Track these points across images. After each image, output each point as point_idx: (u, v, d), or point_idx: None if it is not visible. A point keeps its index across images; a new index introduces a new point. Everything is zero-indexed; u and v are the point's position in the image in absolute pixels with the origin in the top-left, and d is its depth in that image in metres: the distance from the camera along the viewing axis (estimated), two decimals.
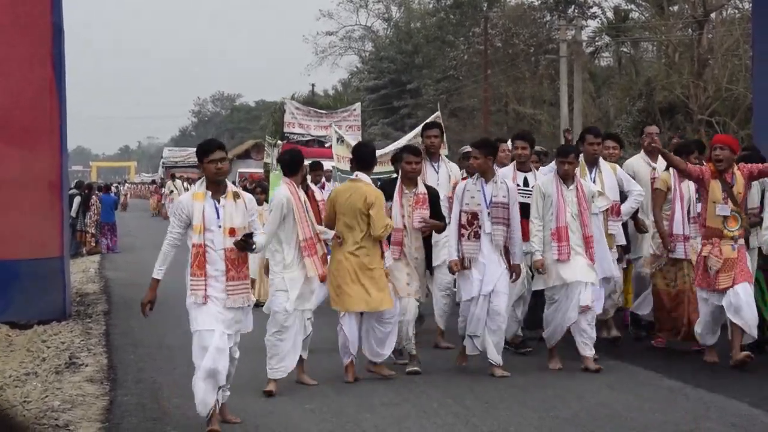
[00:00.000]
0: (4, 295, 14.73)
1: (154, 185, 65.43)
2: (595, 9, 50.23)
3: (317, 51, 73.76)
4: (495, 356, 11.05)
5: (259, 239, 9.00)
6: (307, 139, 32.59)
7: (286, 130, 32.06)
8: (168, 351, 12.92)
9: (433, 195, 11.50)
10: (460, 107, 55.21)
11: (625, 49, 48.24)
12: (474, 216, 11.13)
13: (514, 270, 11.29)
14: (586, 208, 11.38)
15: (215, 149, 8.82)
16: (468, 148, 13.05)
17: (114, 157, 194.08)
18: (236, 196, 8.95)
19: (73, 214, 26.28)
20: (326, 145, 31.54)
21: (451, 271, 11.39)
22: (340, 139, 20.27)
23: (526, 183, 12.30)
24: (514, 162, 12.73)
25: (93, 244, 29.66)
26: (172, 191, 46.40)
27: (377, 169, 16.59)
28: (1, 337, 13.77)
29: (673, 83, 38.91)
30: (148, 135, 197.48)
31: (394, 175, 12.28)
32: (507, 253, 11.26)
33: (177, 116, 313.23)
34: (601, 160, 12.63)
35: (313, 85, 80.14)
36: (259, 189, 17.12)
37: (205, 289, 8.72)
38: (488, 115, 50.76)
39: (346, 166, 17.56)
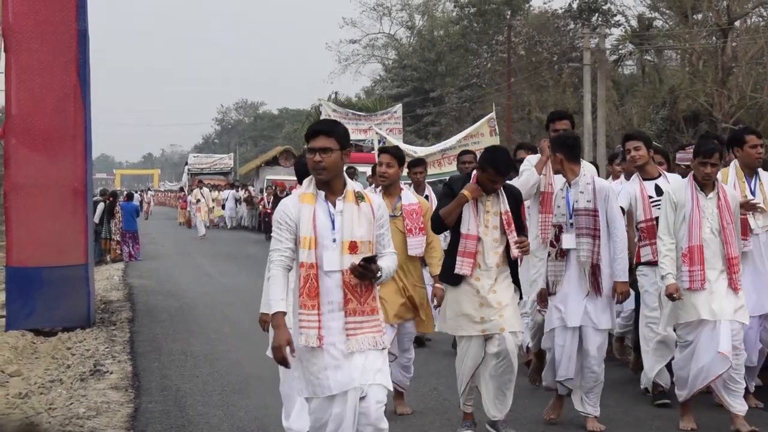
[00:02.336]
0: (28, 302, 14.78)
1: (182, 192, 64.18)
2: (618, 17, 50.17)
3: (340, 59, 73.87)
4: (585, 407, 9.19)
5: (386, 263, 6.61)
6: None
7: None
8: (192, 358, 12.92)
9: (515, 197, 8.84)
10: (483, 115, 54.95)
11: (648, 57, 48.05)
12: (560, 230, 9.19)
13: (618, 290, 9.08)
14: (730, 222, 9.05)
15: (316, 134, 6.53)
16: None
17: (137, 165, 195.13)
18: (359, 197, 6.59)
19: (96, 221, 26.31)
20: (366, 150, 30.68)
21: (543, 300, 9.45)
22: (382, 141, 19.26)
23: (659, 191, 9.98)
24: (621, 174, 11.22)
25: (118, 251, 29.72)
26: (198, 200, 45.51)
27: (431, 170, 16.45)
28: (26, 345, 13.81)
29: (697, 91, 38.74)
30: (171, 143, 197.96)
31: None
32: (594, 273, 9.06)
33: (200, 124, 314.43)
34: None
35: (335, 93, 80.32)
36: None
37: (320, 327, 6.39)
38: (511, 123, 50.66)
39: None
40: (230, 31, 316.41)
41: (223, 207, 50.38)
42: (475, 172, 8.73)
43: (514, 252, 8.49)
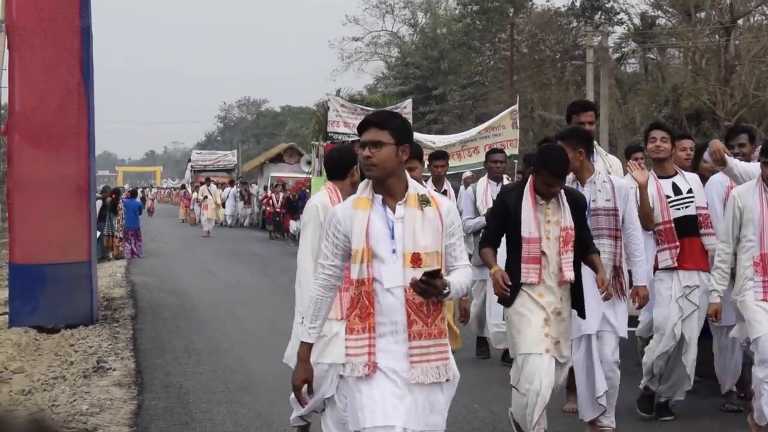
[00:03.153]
0: (31, 299, 14.79)
1: (183, 190, 63.18)
2: (621, 15, 50.04)
3: (343, 56, 73.72)
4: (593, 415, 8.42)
5: (458, 278, 5.63)
6: (353, 139, 27.48)
7: (329, 129, 29.17)
8: (195, 355, 12.94)
9: (578, 205, 7.79)
10: (486, 113, 55.06)
11: (651, 56, 48.02)
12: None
13: (637, 294, 8.61)
14: None
15: (367, 126, 5.65)
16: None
17: (140, 162, 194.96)
18: (424, 201, 5.59)
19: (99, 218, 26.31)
20: None
21: None
22: None
23: (677, 191, 9.37)
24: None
25: (120, 249, 29.73)
26: (206, 196, 44.33)
27: (452, 162, 16.10)
28: (29, 341, 13.82)
29: (700, 90, 38.70)
30: (174, 140, 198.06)
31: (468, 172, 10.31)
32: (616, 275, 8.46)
33: (203, 121, 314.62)
34: None
35: (338, 91, 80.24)
36: None
37: (370, 353, 5.47)
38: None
39: None
40: (233, 28, 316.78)
41: (224, 205, 50.12)
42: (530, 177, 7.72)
43: (567, 275, 7.44)
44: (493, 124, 17.47)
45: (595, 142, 9.10)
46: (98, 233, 24.18)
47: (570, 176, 8.28)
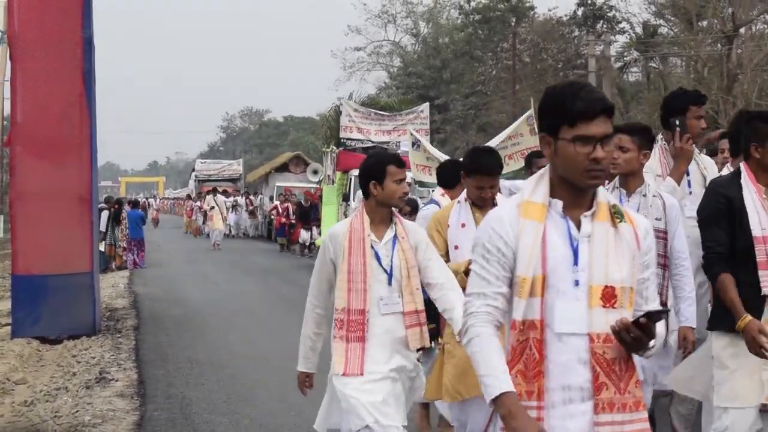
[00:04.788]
0: (33, 310, 14.77)
1: (189, 200, 61.85)
2: (623, 24, 50.14)
3: (345, 66, 73.67)
4: None
5: (659, 328, 3.93)
6: (366, 145, 28.02)
7: (342, 135, 28.38)
8: (198, 366, 12.91)
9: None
10: (488, 122, 55.12)
11: (653, 64, 48.04)
12: None
13: (684, 336, 6.82)
14: None
15: (594, 115, 3.91)
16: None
17: (142, 173, 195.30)
18: (617, 215, 4.03)
19: (102, 228, 26.34)
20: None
21: None
22: (417, 144, 17.08)
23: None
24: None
25: (124, 259, 29.73)
26: (213, 207, 42.15)
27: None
28: (31, 352, 13.81)
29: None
30: (177, 150, 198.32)
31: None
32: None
33: (205, 131, 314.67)
34: None
35: (351, 94, 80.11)
36: (409, 207, 11.10)
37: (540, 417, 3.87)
38: None
39: (427, 177, 16.04)
40: (235, 38, 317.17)
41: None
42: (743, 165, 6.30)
43: None
44: (510, 133, 16.34)
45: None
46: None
47: (611, 183, 7.05)
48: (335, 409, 6.24)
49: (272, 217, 41.89)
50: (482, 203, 7.04)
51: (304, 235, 35.53)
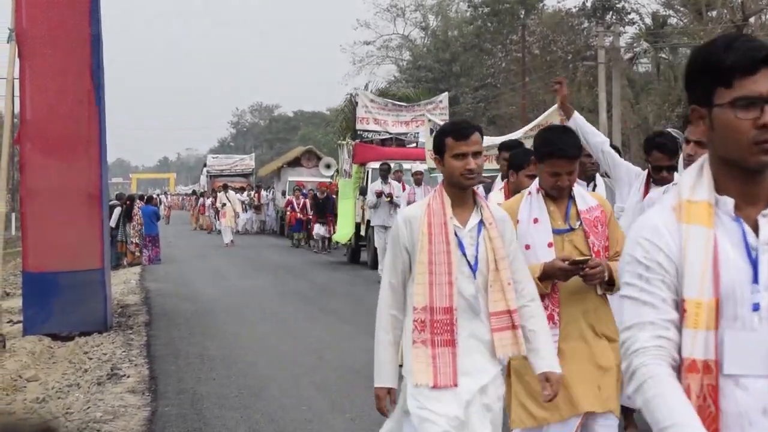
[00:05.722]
0: (45, 307, 14.78)
1: (194, 196, 61.53)
2: (633, 15, 50.05)
3: (355, 60, 73.63)
4: None
5: None
6: (383, 137, 27.98)
7: (358, 126, 27.72)
8: (209, 362, 12.91)
9: None
10: (498, 115, 55.10)
11: (663, 55, 47.98)
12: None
13: None
14: None
15: (758, 66, 2.91)
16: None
17: (153, 169, 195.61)
18: None
19: (112, 225, 26.36)
20: (410, 145, 28.25)
21: None
22: (434, 131, 16.49)
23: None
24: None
25: (137, 254, 29.71)
26: (224, 204, 40.65)
27: (487, 165, 15.55)
28: (43, 349, 13.82)
29: None
30: (187, 146, 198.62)
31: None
32: None
33: (216, 127, 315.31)
34: None
35: (366, 84, 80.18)
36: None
37: None
38: (526, 122, 50.52)
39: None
40: (245, 33, 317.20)
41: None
42: None
43: None
44: (540, 122, 15.86)
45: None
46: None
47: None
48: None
49: (287, 212, 41.07)
50: (558, 193, 5.92)
51: (318, 229, 34.49)
